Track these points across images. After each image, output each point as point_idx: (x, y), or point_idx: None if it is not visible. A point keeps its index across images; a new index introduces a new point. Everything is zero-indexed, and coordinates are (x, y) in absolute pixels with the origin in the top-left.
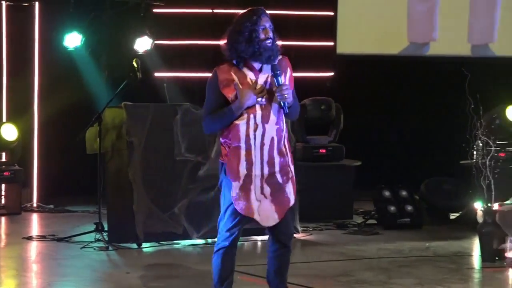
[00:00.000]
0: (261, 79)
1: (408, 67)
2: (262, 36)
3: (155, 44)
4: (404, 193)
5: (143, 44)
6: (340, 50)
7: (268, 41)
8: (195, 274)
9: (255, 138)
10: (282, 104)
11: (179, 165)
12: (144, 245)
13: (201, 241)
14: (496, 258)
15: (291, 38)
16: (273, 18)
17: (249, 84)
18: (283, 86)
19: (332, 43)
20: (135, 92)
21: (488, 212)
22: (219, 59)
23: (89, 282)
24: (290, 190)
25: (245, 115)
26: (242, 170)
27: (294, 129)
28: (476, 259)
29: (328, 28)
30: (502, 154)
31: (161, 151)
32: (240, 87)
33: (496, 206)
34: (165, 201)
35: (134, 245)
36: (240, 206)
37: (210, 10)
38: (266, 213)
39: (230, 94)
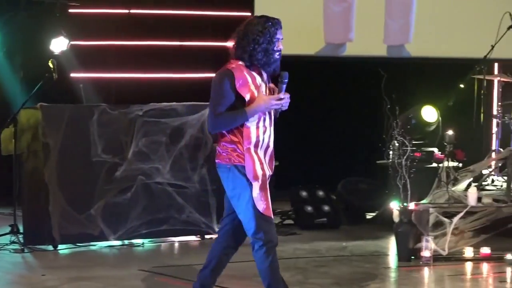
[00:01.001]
0: (264, 82)
1: (325, 67)
2: (276, 48)
3: (71, 44)
4: (321, 193)
5: (59, 44)
6: None
7: (278, 53)
8: (111, 276)
9: (263, 140)
10: (275, 112)
11: (96, 166)
12: (60, 247)
13: (118, 243)
14: (412, 257)
15: (207, 38)
16: (188, 18)
17: (258, 87)
18: (286, 96)
19: None
20: (51, 93)
21: (404, 211)
22: (135, 59)
23: (3, 285)
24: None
25: (256, 117)
26: (259, 170)
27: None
28: (392, 258)
29: None
30: (417, 154)
31: (77, 152)
32: (261, 92)
33: (412, 206)
34: (81, 202)
35: (50, 247)
36: (262, 206)
37: (126, 11)
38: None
39: (245, 94)
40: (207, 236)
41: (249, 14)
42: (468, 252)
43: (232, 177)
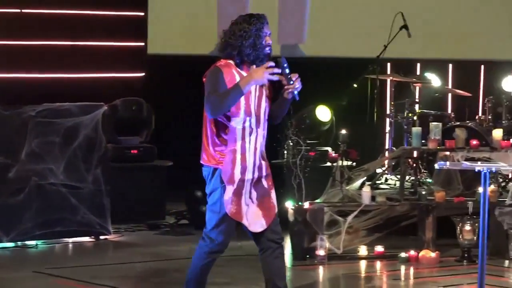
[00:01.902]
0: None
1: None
2: (264, 42)
3: None
4: None
5: None
6: (151, 50)
7: (268, 48)
8: (5, 278)
9: (249, 142)
10: (293, 94)
11: None
12: None
13: (11, 244)
14: (307, 256)
15: (100, 38)
16: (81, 18)
17: None
18: (294, 76)
19: (143, 44)
20: None
21: (299, 210)
22: (27, 59)
23: None
24: (274, 196)
25: (242, 117)
26: (237, 174)
27: (104, 130)
28: (287, 257)
29: (139, 29)
30: (312, 153)
31: None
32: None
33: (306, 205)
34: None
35: None
36: (230, 209)
37: (18, 10)
38: (253, 218)
39: None
40: (101, 237)
41: (142, 14)
42: (362, 250)
43: (212, 177)
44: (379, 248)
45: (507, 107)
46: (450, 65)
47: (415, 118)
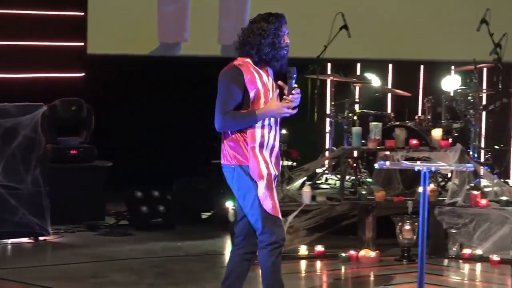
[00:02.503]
0: (271, 82)
1: (161, 67)
2: (283, 42)
3: None
4: (156, 193)
5: None
6: (91, 50)
7: (286, 49)
8: None
9: (268, 140)
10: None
11: None
12: None
13: None
14: None
15: (39, 38)
16: (17, 17)
17: (265, 85)
18: (296, 91)
19: (82, 44)
20: None
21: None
22: None
23: None
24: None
25: None
26: (264, 170)
27: (43, 130)
28: (228, 257)
29: (78, 28)
30: None
31: None
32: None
33: None
34: None
35: None
36: (268, 206)
37: None
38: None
39: (251, 90)
40: (40, 238)
41: (82, 13)
42: (303, 250)
43: (237, 177)
44: (320, 248)
45: (446, 107)
46: (390, 65)
47: (355, 118)
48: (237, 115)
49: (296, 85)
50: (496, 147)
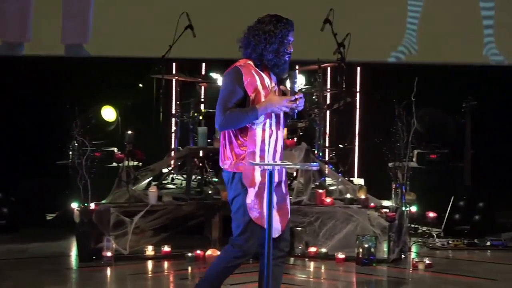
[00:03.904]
0: (273, 85)
1: (3, 66)
2: (287, 50)
3: None
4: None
5: None
6: None
7: (288, 56)
8: None
9: (269, 144)
10: (292, 111)
11: None
12: None
13: None
14: (94, 257)
15: None
16: None
17: (266, 87)
18: (301, 95)
19: None
20: None
21: (84, 212)
22: None
23: None
24: (289, 201)
25: (262, 119)
26: (257, 177)
27: None
28: (74, 259)
29: None
30: (97, 154)
31: None
32: (273, 91)
33: (92, 206)
34: None
35: None
36: (254, 214)
37: None
38: (274, 223)
39: (251, 92)
40: None
41: None
42: (149, 250)
43: (233, 182)
44: (166, 248)
45: None
46: None
47: (200, 117)
48: (238, 111)
49: (297, 90)
50: (341, 146)
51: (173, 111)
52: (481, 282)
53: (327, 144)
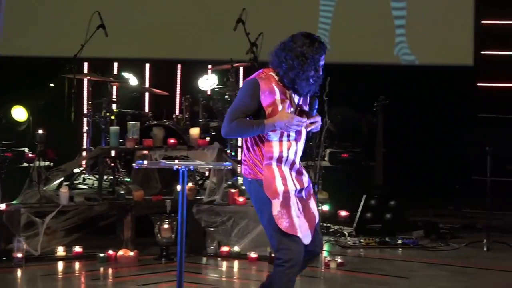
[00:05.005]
0: (296, 98)
1: None
2: (319, 75)
3: None
4: None
5: None
6: None
7: (316, 79)
8: None
9: (288, 156)
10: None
11: None
12: None
13: None
14: (4, 258)
15: None
16: None
17: (287, 100)
18: (317, 119)
19: None
20: None
21: None
22: None
23: None
24: (314, 206)
25: (279, 132)
26: (280, 187)
27: None
28: None
29: None
30: (8, 154)
31: None
32: (285, 108)
33: (3, 206)
34: None
35: None
36: (284, 224)
37: None
38: (304, 230)
39: (268, 107)
40: None
41: None
42: (61, 251)
43: (254, 191)
44: (78, 249)
45: (204, 106)
46: (147, 65)
47: (112, 117)
48: (243, 122)
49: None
50: None
51: (85, 111)
52: (393, 280)
53: (239, 144)
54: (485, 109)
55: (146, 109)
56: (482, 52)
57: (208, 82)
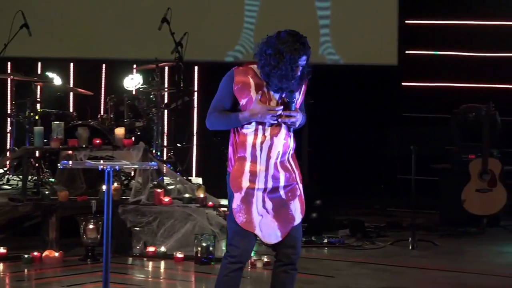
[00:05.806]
0: (276, 94)
1: None
2: (294, 75)
3: None
4: None
5: None
6: None
7: (294, 80)
8: None
9: (261, 150)
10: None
11: None
12: None
13: None
14: None
15: None
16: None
17: (265, 93)
18: (294, 114)
19: None
20: None
21: None
22: None
23: None
24: (295, 207)
25: (254, 125)
26: (245, 182)
27: None
28: None
29: None
30: None
31: None
32: (259, 100)
33: None
34: None
35: None
36: (240, 219)
37: None
38: (268, 229)
39: (242, 99)
40: None
41: None
42: None
43: (227, 184)
44: (2, 250)
45: (129, 106)
46: (72, 64)
47: (37, 117)
48: (220, 115)
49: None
50: (179, 145)
51: (9, 111)
52: (319, 279)
53: (165, 143)
54: (409, 108)
55: (71, 109)
56: (407, 52)
57: (133, 81)
